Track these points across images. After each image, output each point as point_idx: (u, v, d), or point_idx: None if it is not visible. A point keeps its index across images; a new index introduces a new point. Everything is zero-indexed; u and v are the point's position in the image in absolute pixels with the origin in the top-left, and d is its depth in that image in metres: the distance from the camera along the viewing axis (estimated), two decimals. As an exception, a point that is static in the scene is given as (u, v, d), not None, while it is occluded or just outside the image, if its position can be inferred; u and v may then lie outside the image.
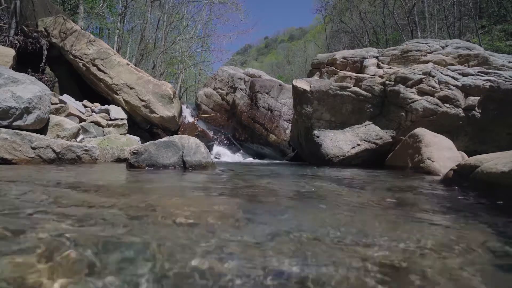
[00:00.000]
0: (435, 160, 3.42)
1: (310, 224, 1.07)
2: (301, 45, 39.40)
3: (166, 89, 7.12)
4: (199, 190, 1.79)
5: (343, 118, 5.29)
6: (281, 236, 0.88)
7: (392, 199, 1.68)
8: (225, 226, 0.99)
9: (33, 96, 3.69)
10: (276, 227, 0.99)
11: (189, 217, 1.06)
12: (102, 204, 1.23)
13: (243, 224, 1.04)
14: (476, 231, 1.04)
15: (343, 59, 5.87)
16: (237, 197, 1.58)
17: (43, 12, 7.47)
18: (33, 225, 0.88)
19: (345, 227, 1.03)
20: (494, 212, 1.42)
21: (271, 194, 1.76)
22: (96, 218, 0.99)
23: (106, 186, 1.78)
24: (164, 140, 3.29)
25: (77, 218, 0.97)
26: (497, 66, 5.20)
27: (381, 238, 0.91)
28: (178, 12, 17.53)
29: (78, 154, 3.53)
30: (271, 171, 3.68)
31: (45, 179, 2.01)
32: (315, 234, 0.92)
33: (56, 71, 7.25)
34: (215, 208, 1.28)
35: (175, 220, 1.01)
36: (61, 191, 1.54)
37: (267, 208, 1.34)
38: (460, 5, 18.76)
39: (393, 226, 1.06)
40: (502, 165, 1.74)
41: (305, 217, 1.21)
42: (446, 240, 0.92)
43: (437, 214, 1.28)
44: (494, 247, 0.88)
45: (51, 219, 0.96)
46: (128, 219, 1.01)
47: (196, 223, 1.00)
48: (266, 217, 1.16)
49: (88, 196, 1.43)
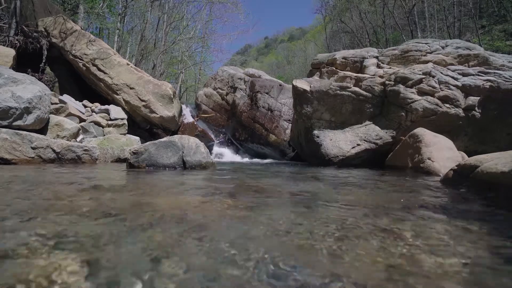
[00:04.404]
0: (435, 160, 3.42)
1: (304, 224, 1.07)
2: (301, 45, 39.37)
3: (166, 89, 7.11)
4: (198, 190, 1.79)
5: (343, 118, 5.28)
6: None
7: (391, 199, 1.68)
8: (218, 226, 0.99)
9: (33, 96, 3.68)
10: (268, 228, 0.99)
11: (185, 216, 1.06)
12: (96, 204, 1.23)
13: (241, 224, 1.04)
14: (476, 231, 1.04)
15: (343, 59, 5.87)
16: (236, 197, 1.58)
17: (43, 12, 7.46)
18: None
19: (345, 227, 1.03)
20: (494, 212, 1.42)
21: (270, 194, 1.76)
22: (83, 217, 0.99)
23: (105, 186, 1.78)
24: (164, 140, 3.28)
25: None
26: (497, 66, 5.19)
27: (380, 238, 0.91)
28: (178, 12, 17.52)
29: (78, 154, 3.53)
30: (271, 171, 3.68)
31: (44, 180, 2.01)
32: (311, 237, 0.91)
33: (56, 71, 7.25)
34: (209, 207, 1.28)
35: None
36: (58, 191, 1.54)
37: (266, 209, 1.34)
38: (460, 5, 18.75)
39: (392, 226, 1.05)
40: (502, 165, 1.73)
41: (298, 218, 1.21)
42: (446, 240, 0.92)
43: (437, 214, 1.28)
44: (494, 247, 0.88)
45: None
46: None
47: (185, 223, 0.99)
48: (263, 219, 1.16)
49: (83, 196, 1.43)
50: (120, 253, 0.71)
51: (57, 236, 0.80)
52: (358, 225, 1.06)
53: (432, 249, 0.82)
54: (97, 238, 0.80)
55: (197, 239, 0.83)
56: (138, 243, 0.78)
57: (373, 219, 1.15)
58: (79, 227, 0.89)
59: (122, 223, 0.96)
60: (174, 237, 0.84)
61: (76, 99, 6.22)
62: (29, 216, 0.99)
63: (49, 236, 0.79)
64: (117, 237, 0.82)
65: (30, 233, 0.81)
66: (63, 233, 0.82)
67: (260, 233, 0.91)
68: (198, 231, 0.90)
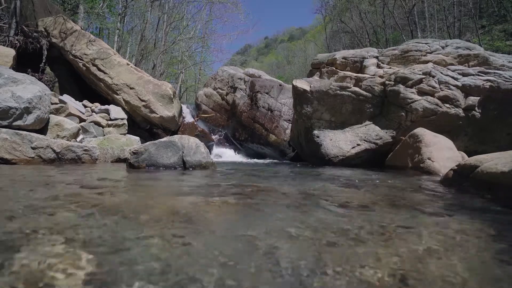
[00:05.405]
0: (435, 160, 3.42)
1: (301, 226, 1.07)
2: (301, 45, 39.36)
3: (166, 89, 7.12)
4: (199, 190, 1.79)
5: (343, 118, 5.28)
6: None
7: (391, 199, 1.68)
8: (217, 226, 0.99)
9: (33, 96, 3.69)
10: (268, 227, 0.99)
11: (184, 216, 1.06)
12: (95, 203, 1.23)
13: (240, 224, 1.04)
14: (476, 231, 1.04)
15: (343, 59, 5.87)
16: (237, 197, 1.58)
17: (43, 12, 7.46)
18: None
19: (344, 227, 1.03)
20: (494, 212, 1.42)
21: (270, 194, 1.76)
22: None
23: (105, 186, 1.78)
24: (164, 140, 3.28)
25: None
26: (497, 66, 5.19)
27: (379, 238, 0.91)
28: (178, 12, 17.53)
29: (78, 154, 3.53)
30: (271, 171, 3.68)
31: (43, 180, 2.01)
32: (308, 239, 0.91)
33: (56, 71, 7.25)
34: (207, 207, 1.28)
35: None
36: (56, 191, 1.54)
37: (264, 210, 1.34)
38: (460, 5, 18.76)
39: (392, 226, 1.05)
40: (502, 165, 1.74)
41: (297, 218, 1.21)
42: (446, 240, 0.92)
43: (437, 214, 1.28)
44: (494, 247, 0.88)
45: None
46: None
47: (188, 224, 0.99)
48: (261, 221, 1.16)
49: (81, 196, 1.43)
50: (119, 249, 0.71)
51: (57, 234, 0.80)
52: (358, 225, 1.06)
53: (432, 249, 0.82)
54: (97, 238, 0.80)
55: (194, 238, 0.83)
56: (138, 241, 0.78)
57: (372, 219, 1.15)
58: (79, 227, 0.89)
59: (122, 222, 0.96)
60: (173, 238, 0.84)
61: (76, 99, 6.22)
62: (24, 214, 0.99)
63: (48, 232, 0.79)
64: (115, 237, 0.82)
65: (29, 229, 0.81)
66: (63, 232, 0.82)
67: (258, 232, 0.91)
68: (195, 230, 0.90)
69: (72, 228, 0.87)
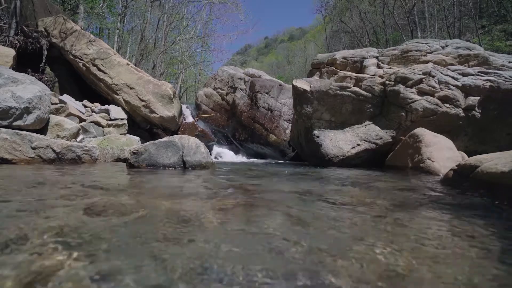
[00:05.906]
0: (435, 160, 3.42)
1: (298, 230, 1.07)
2: (301, 45, 39.37)
3: (166, 89, 7.12)
4: (198, 190, 1.79)
5: (343, 118, 5.28)
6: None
7: (391, 199, 1.68)
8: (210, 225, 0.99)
9: (33, 96, 3.68)
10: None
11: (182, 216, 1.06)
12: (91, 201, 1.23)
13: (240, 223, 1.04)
14: (476, 231, 1.04)
15: (343, 59, 5.87)
16: (237, 197, 1.58)
17: (43, 12, 7.46)
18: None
19: (344, 227, 1.03)
20: (494, 212, 1.42)
21: (269, 194, 1.76)
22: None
23: (104, 186, 1.78)
24: (164, 140, 3.28)
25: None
26: (497, 66, 5.19)
27: (379, 239, 0.91)
28: (178, 12, 17.53)
29: (78, 154, 3.53)
30: (271, 171, 3.68)
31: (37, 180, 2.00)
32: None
33: (56, 71, 7.25)
34: (205, 208, 1.28)
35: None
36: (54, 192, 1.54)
37: (262, 211, 1.34)
38: (460, 5, 18.76)
39: (392, 226, 1.05)
40: (502, 165, 1.74)
41: (298, 218, 1.21)
42: (446, 240, 0.92)
43: (436, 214, 1.28)
44: (494, 247, 0.88)
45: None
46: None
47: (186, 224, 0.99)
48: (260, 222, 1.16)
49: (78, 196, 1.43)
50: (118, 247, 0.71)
51: (58, 233, 0.80)
52: (357, 225, 1.06)
53: (432, 249, 0.82)
54: (97, 238, 0.80)
55: (193, 238, 0.83)
56: (138, 239, 0.78)
57: (372, 219, 1.15)
58: (78, 226, 0.89)
59: (120, 221, 0.96)
60: (173, 237, 0.85)
61: (76, 99, 6.22)
62: (30, 213, 0.99)
63: (49, 232, 0.79)
64: (112, 236, 0.82)
65: (30, 228, 0.81)
66: (63, 231, 0.82)
67: (257, 232, 0.91)
68: (194, 230, 0.90)
69: (71, 228, 0.87)
